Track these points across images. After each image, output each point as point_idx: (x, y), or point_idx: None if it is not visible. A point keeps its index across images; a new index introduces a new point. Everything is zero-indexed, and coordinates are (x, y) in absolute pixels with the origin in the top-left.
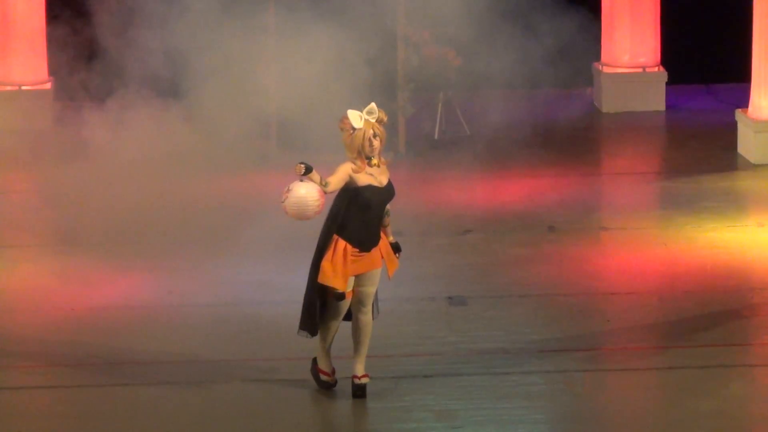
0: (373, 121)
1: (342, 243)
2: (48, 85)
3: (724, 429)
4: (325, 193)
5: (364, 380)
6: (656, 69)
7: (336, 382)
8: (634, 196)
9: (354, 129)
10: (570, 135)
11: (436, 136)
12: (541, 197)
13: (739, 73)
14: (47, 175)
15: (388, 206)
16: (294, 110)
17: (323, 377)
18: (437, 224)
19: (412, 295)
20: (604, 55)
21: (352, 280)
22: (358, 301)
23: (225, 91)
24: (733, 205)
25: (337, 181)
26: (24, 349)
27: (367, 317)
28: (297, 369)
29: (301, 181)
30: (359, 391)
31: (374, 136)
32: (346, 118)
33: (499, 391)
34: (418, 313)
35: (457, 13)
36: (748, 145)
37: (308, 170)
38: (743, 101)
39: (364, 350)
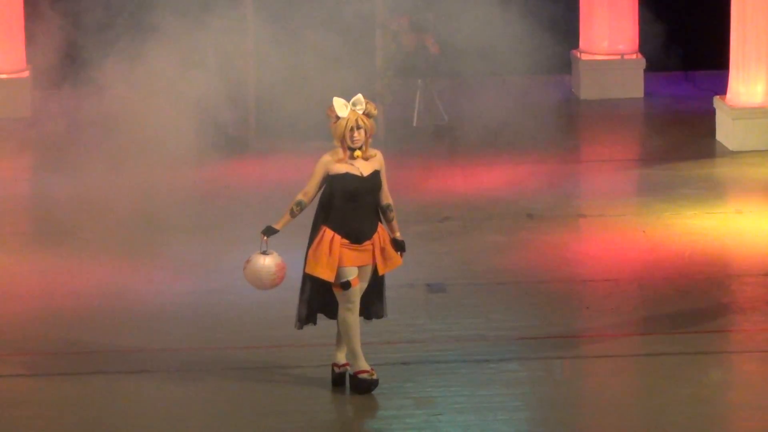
0: (360, 112)
1: (329, 233)
2: (26, 74)
3: (702, 415)
4: (299, 212)
5: (344, 369)
6: (634, 56)
7: (377, 378)
8: (613, 183)
9: (338, 117)
10: (548, 122)
11: (414, 124)
12: (519, 184)
13: (717, 60)
14: (24, 165)
15: (389, 201)
16: (273, 98)
17: (364, 376)
18: (416, 212)
19: (391, 283)
20: (583, 42)
21: (354, 269)
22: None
23: (203, 78)
24: (712, 191)
25: (314, 184)
26: (1, 337)
27: (345, 314)
28: (278, 356)
29: (263, 252)
30: (340, 379)
31: (357, 127)
32: (332, 106)
33: (479, 378)
34: (397, 301)
35: (435, 0)
36: (726, 132)
37: (269, 232)
38: (721, 88)
39: (346, 342)
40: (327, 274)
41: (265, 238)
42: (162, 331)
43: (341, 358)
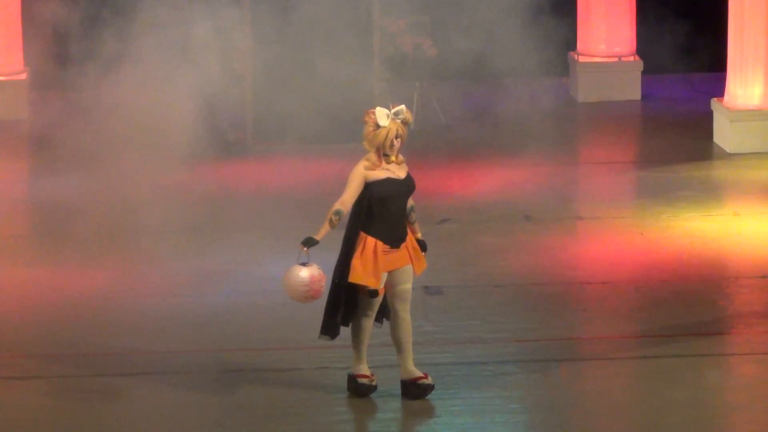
0: (399, 121)
1: (371, 240)
2: (23, 75)
3: (699, 418)
4: (338, 221)
5: (430, 379)
6: (632, 58)
7: (376, 386)
8: (610, 185)
9: (378, 126)
10: (546, 124)
11: (411, 126)
12: (517, 187)
13: (715, 62)
14: (20, 167)
15: (412, 202)
16: (270, 100)
17: (362, 380)
18: None
19: None
20: (580, 45)
21: (384, 276)
22: (400, 299)
23: (201, 81)
24: (709, 194)
25: (352, 193)
26: None
27: (408, 315)
28: (275, 359)
29: (302, 264)
30: (428, 390)
31: (396, 136)
32: (373, 113)
33: (476, 380)
34: None
35: (432, 3)
36: (723, 134)
37: (309, 243)
38: (719, 90)
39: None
40: (374, 282)
41: (306, 249)
42: (159, 333)
43: (416, 369)
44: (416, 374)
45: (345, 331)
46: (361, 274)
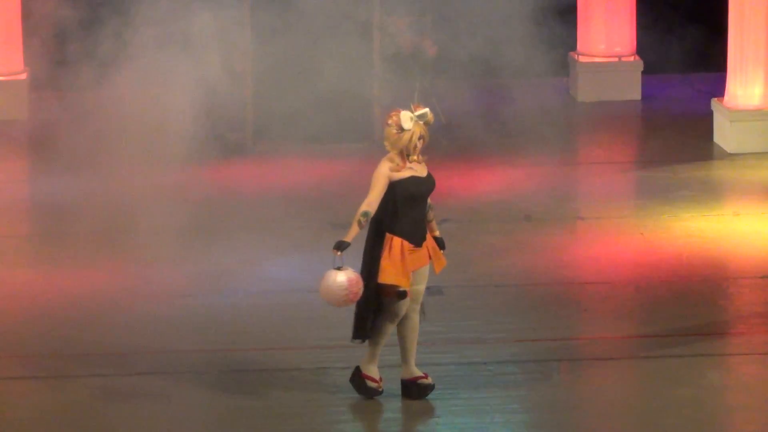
0: (422, 123)
1: (397, 240)
2: (23, 76)
3: (700, 418)
4: (366, 223)
5: (430, 379)
6: (632, 58)
7: (382, 389)
8: (611, 185)
9: (402, 129)
10: (546, 125)
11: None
12: (517, 187)
13: (715, 62)
14: (20, 167)
15: (430, 200)
16: (270, 100)
17: (371, 384)
18: None
19: None
20: (580, 45)
21: (411, 276)
22: (412, 299)
23: (201, 80)
24: (709, 194)
25: (378, 194)
26: None
27: (417, 316)
28: (276, 359)
29: (336, 268)
30: (428, 390)
31: (419, 138)
32: (397, 116)
33: (476, 380)
34: None
35: (433, 3)
36: (723, 134)
37: (341, 247)
38: (719, 90)
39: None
40: (404, 282)
41: (339, 252)
42: (159, 333)
43: (417, 369)
44: (417, 374)
45: (344, 331)
46: (391, 274)
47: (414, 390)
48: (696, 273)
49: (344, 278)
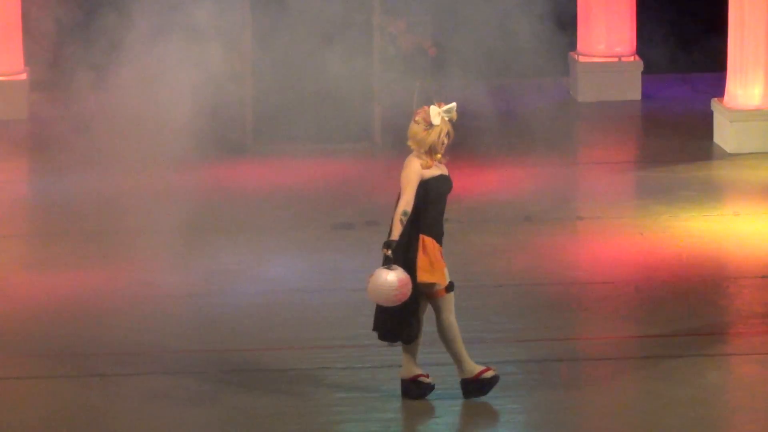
0: (447, 119)
1: (428, 239)
2: (24, 76)
3: (700, 418)
4: (406, 221)
5: (431, 378)
6: (632, 58)
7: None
8: (611, 185)
9: (431, 125)
10: (546, 125)
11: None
12: (517, 187)
13: (715, 62)
14: (21, 167)
15: None
16: (270, 100)
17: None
18: None
19: None
20: (580, 45)
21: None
22: (425, 298)
23: (201, 81)
24: (709, 194)
25: (413, 192)
26: None
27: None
28: (275, 359)
29: (387, 267)
30: (428, 390)
31: (447, 134)
32: (425, 112)
33: None
34: None
35: (433, 3)
36: (723, 134)
37: (390, 246)
38: (719, 90)
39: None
40: (443, 279)
41: (388, 251)
42: (159, 333)
43: (415, 369)
44: (417, 372)
45: (344, 331)
46: (430, 272)
47: (413, 389)
48: (695, 273)
49: (395, 278)
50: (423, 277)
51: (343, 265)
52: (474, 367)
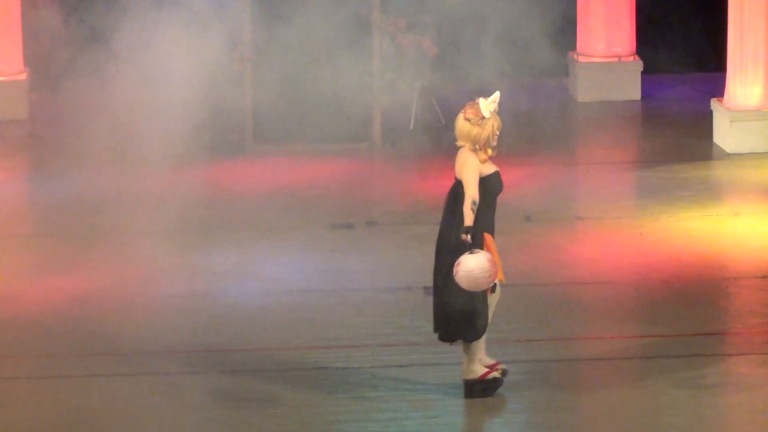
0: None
1: (489, 236)
2: (23, 76)
3: (700, 418)
4: (476, 207)
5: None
6: (632, 58)
7: (503, 369)
8: (610, 185)
9: (483, 119)
10: (545, 125)
11: (411, 126)
12: (517, 187)
13: (715, 62)
14: (21, 167)
15: None
16: (269, 100)
17: (494, 374)
18: (413, 214)
19: (388, 285)
20: (580, 45)
21: None
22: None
23: (201, 82)
24: (709, 194)
25: (477, 186)
26: None
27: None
28: (275, 359)
29: (471, 253)
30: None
31: (498, 127)
32: (477, 107)
33: None
34: (394, 303)
35: (433, 3)
36: (723, 134)
37: (469, 231)
38: (718, 90)
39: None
40: (502, 276)
41: (468, 237)
42: (159, 333)
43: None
44: (490, 362)
45: (344, 331)
46: (497, 270)
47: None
48: (695, 273)
49: (483, 259)
50: (500, 275)
51: (343, 265)
52: (480, 369)
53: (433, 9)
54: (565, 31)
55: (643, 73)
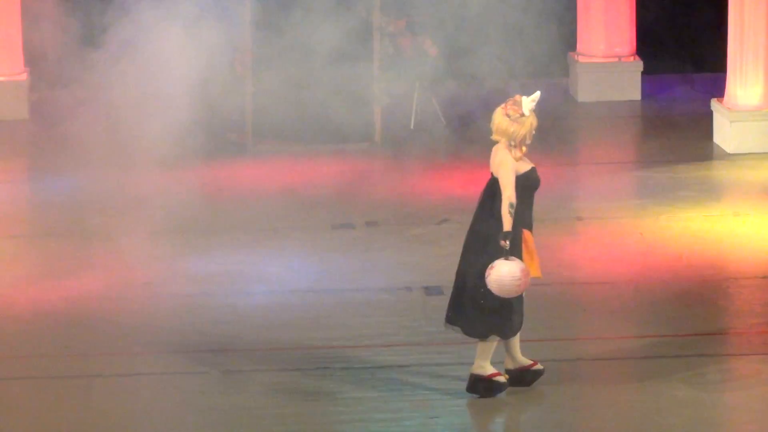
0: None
1: (527, 233)
2: (24, 76)
3: (700, 418)
4: (513, 210)
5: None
6: (632, 58)
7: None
8: (610, 185)
9: (523, 116)
10: (546, 125)
11: (411, 126)
12: None
13: (715, 62)
14: (20, 167)
15: None
16: (270, 101)
17: (500, 378)
18: (413, 214)
19: (388, 285)
20: (580, 45)
21: None
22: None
23: (201, 82)
24: (709, 194)
25: (512, 186)
26: None
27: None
28: (276, 359)
29: (506, 259)
30: (537, 376)
31: (535, 126)
32: (519, 104)
33: None
34: (394, 303)
35: (433, 3)
36: (723, 134)
37: (507, 237)
38: (719, 91)
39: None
40: (540, 272)
41: (506, 243)
42: (159, 333)
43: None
44: (526, 363)
45: (344, 331)
46: (534, 266)
47: (528, 377)
48: (695, 273)
49: (516, 268)
50: (532, 271)
51: (343, 265)
52: (489, 369)
53: (433, 9)
54: (566, 31)
55: (643, 73)
